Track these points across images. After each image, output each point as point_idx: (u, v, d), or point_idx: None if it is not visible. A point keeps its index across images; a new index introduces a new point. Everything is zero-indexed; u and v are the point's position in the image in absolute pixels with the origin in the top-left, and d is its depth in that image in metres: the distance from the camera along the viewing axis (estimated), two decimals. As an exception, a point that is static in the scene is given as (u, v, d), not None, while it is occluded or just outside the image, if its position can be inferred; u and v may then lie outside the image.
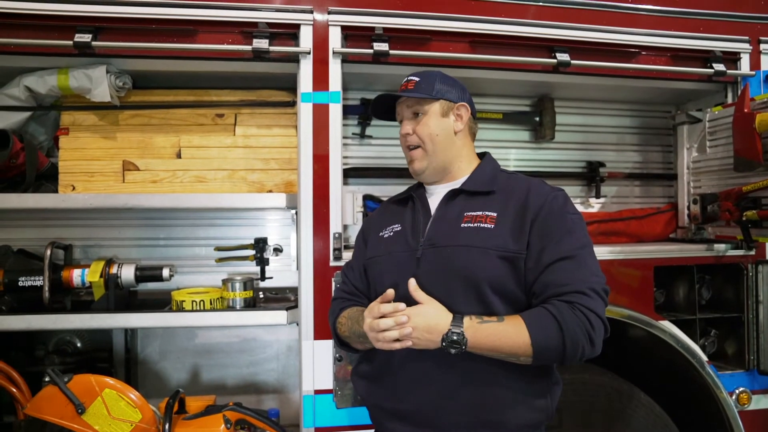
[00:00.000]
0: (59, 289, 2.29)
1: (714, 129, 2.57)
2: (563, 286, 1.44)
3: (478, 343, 1.41)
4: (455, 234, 1.57)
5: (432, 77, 1.71)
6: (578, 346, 1.40)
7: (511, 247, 1.51)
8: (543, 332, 1.40)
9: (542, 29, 2.33)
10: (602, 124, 3.01)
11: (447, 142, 1.69)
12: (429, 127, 1.67)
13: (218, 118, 2.43)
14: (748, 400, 2.41)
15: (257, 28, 2.14)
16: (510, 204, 1.58)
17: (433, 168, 1.70)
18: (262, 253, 2.50)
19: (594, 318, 1.41)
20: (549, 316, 1.41)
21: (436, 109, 1.68)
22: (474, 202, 1.62)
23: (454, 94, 1.71)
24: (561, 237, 1.50)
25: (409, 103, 1.71)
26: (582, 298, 1.42)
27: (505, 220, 1.55)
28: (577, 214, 1.58)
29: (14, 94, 2.29)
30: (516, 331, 1.41)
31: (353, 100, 2.69)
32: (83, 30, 2.06)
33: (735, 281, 2.50)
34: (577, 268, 1.47)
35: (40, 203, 2.23)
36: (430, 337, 1.42)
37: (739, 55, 2.51)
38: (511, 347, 1.41)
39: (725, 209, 2.41)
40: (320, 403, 2.11)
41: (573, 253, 1.48)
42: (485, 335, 1.41)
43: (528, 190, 1.59)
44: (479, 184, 1.66)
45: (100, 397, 1.98)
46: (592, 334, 1.41)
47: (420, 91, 1.68)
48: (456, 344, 1.40)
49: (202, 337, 2.77)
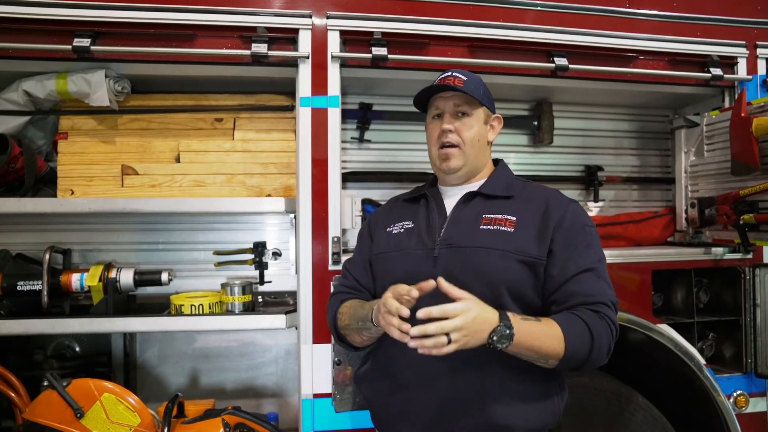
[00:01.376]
0: (58, 294, 2.28)
1: (711, 133, 2.59)
2: (588, 296, 1.47)
3: (521, 340, 1.36)
4: (474, 235, 1.56)
5: (478, 81, 1.68)
6: (601, 354, 1.44)
7: (533, 252, 1.51)
8: (577, 338, 1.41)
9: (540, 34, 2.34)
10: (600, 128, 3.02)
11: (482, 149, 1.69)
12: (473, 130, 1.65)
13: (217, 122, 2.44)
14: (745, 403, 2.42)
15: (256, 33, 2.14)
16: (530, 210, 1.59)
17: (467, 170, 1.68)
18: (260, 257, 2.50)
19: (614, 329, 1.46)
20: (582, 324, 1.42)
21: (481, 115, 1.67)
22: (492, 205, 1.62)
23: (491, 103, 1.72)
24: (584, 249, 1.52)
25: (456, 100, 1.65)
26: (605, 309, 1.46)
27: (526, 226, 1.55)
28: (593, 227, 1.61)
29: (13, 99, 2.29)
30: (553, 333, 1.40)
31: (352, 105, 2.69)
32: (82, 34, 2.06)
33: (732, 285, 2.50)
34: (598, 280, 1.50)
35: (38, 207, 2.23)
36: (479, 333, 1.32)
37: (736, 59, 2.52)
38: (547, 348, 1.40)
39: (723, 213, 2.42)
40: (319, 407, 2.11)
41: (594, 265, 1.51)
42: (528, 333, 1.37)
43: (548, 199, 1.61)
44: (497, 188, 1.66)
45: (98, 402, 1.98)
46: (611, 345, 1.46)
47: (471, 92, 1.62)
48: (504, 339, 1.33)
49: (200, 341, 2.77)
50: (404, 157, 2.77)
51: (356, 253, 1.84)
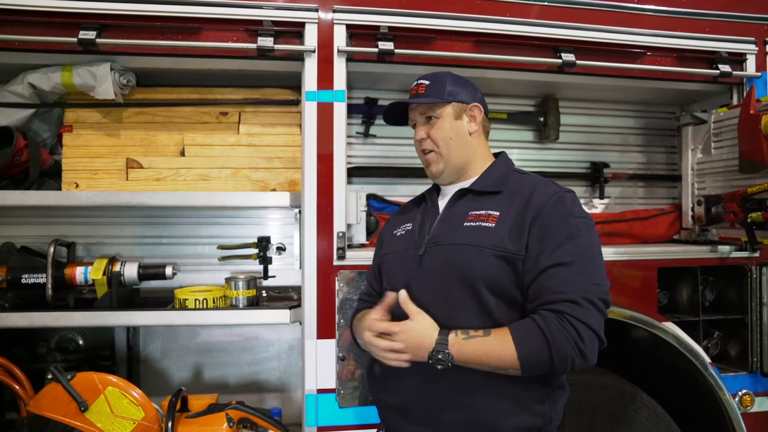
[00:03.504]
0: (62, 287, 2.28)
1: (719, 130, 2.57)
2: (556, 293, 1.41)
3: (464, 359, 1.42)
4: (457, 232, 1.57)
5: (442, 79, 1.69)
6: (566, 358, 1.38)
7: (509, 246, 1.48)
8: (529, 346, 1.38)
9: (547, 29, 2.32)
10: (606, 125, 3.00)
11: (461, 144, 1.68)
12: (443, 131, 1.66)
13: (222, 116, 2.43)
14: (751, 403, 2.41)
15: (262, 26, 2.13)
16: (513, 203, 1.56)
17: (450, 170, 1.69)
18: (265, 251, 2.49)
19: (584, 329, 1.38)
20: (536, 329, 1.39)
21: (449, 112, 1.67)
22: (480, 202, 1.61)
23: (466, 94, 1.69)
24: (561, 241, 1.45)
25: (420, 109, 1.70)
26: (572, 307, 1.39)
27: (506, 220, 1.53)
28: (583, 218, 1.52)
29: (18, 91, 2.28)
30: (502, 345, 1.40)
31: (357, 99, 2.68)
32: (88, 27, 2.05)
33: (739, 283, 2.49)
34: (575, 275, 1.43)
35: (43, 200, 2.22)
36: (418, 353, 1.45)
37: (745, 56, 2.50)
38: (498, 361, 1.40)
39: (730, 211, 2.41)
40: (323, 403, 2.11)
41: (571, 259, 1.44)
42: (470, 351, 1.41)
43: (533, 190, 1.55)
44: (487, 183, 1.65)
45: (102, 395, 1.97)
46: (581, 346, 1.37)
47: (431, 95, 1.66)
48: (441, 362, 1.41)
49: (204, 336, 2.77)
50: (409, 152, 2.73)
51: (373, 259, 1.91)
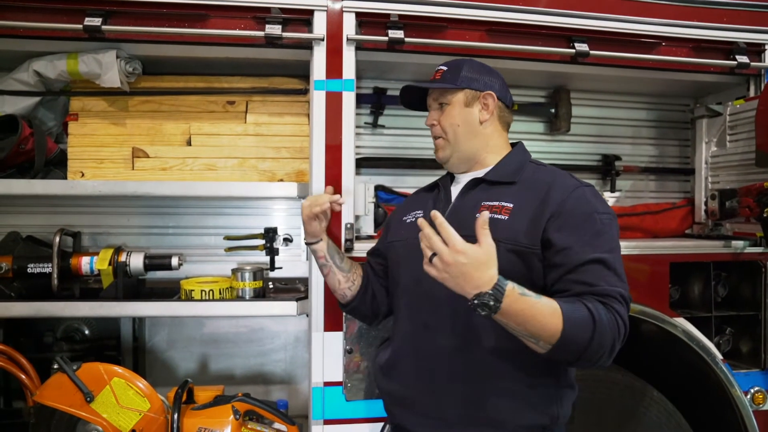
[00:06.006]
0: (68, 277, 2.27)
1: (735, 123, 2.52)
2: (596, 286, 1.36)
3: (510, 314, 1.27)
4: (468, 224, 1.48)
5: (459, 66, 1.67)
6: (602, 349, 1.31)
7: (522, 240, 1.44)
8: (577, 323, 1.29)
9: (560, 18, 2.27)
10: (618, 117, 2.95)
11: (470, 132, 1.65)
12: (451, 118, 1.65)
13: (229, 105, 2.40)
14: (763, 400, 2.37)
15: (270, 14, 2.09)
16: (529, 196, 1.51)
17: (457, 158, 1.68)
18: (272, 242, 2.47)
19: (623, 326, 1.34)
20: (585, 310, 1.30)
21: (460, 99, 1.65)
22: (493, 193, 1.57)
23: (480, 82, 1.65)
24: (590, 238, 1.41)
25: (434, 94, 1.70)
26: (615, 303, 1.34)
27: (521, 213, 1.48)
28: (607, 213, 1.48)
29: (23, 79, 2.26)
30: (551, 312, 1.29)
31: (366, 89, 2.64)
32: (93, 13, 2.02)
33: (752, 279, 2.44)
34: (608, 272, 1.39)
35: (48, 190, 2.20)
36: (461, 285, 1.26)
37: (764, 46, 2.43)
38: (538, 328, 1.29)
39: (745, 205, 2.36)
40: (329, 396, 2.09)
41: (603, 256, 1.39)
42: (521, 308, 1.28)
43: (551, 184, 1.51)
44: (501, 174, 1.61)
45: (108, 386, 1.97)
46: (616, 342, 1.34)
47: (445, 81, 1.65)
48: (486, 307, 1.25)
49: (209, 327, 2.76)
50: (418, 143, 2.72)
51: (377, 242, 1.95)
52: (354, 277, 1.86)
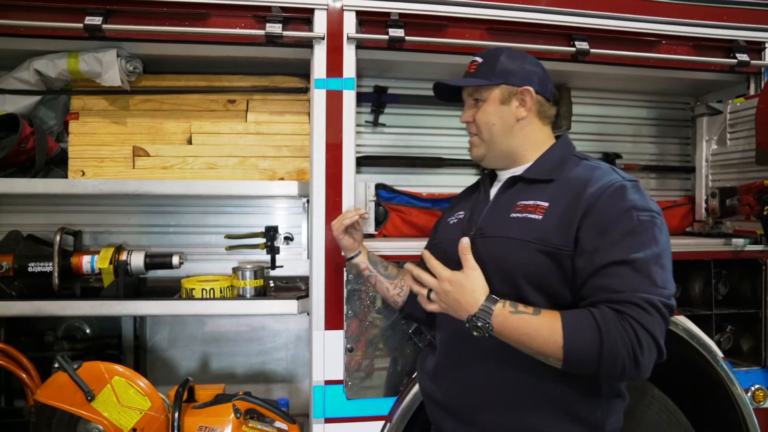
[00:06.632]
0: (69, 276, 2.27)
1: (735, 121, 2.52)
2: (616, 293, 1.25)
3: (505, 334, 1.30)
4: (503, 224, 1.48)
5: (494, 58, 1.57)
6: (617, 362, 1.22)
7: (555, 241, 1.36)
8: (578, 336, 1.24)
9: (561, 17, 2.26)
10: (619, 115, 2.95)
11: (506, 130, 1.56)
12: (487, 116, 1.56)
13: (230, 104, 2.40)
14: (764, 398, 2.37)
15: (271, 13, 2.09)
16: (566, 193, 1.41)
17: (493, 156, 1.61)
18: (272, 241, 2.47)
19: (645, 336, 1.22)
20: (590, 321, 1.24)
21: (496, 96, 1.56)
22: (529, 191, 1.50)
23: (518, 76, 1.55)
24: (621, 237, 1.30)
25: (469, 89, 1.61)
26: (635, 310, 1.22)
27: (555, 212, 1.40)
28: (649, 211, 1.34)
29: (24, 78, 2.25)
30: (550, 328, 1.26)
31: (367, 88, 2.64)
32: (94, 12, 2.02)
33: (753, 277, 2.44)
34: (636, 275, 1.26)
35: (49, 188, 2.21)
36: (456, 310, 1.37)
37: (764, 44, 2.44)
38: (540, 345, 1.27)
39: (745, 203, 2.36)
40: (330, 394, 2.09)
41: (633, 257, 1.27)
42: (514, 327, 1.29)
43: (588, 179, 1.40)
44: (539, 171, 1.53)
45: (109, 385, 1.97)
46: (637, 353, 1.22)
47: (480, 75, 1.56)
48: (479, 329, 1.31)
49: (210, 326, 2.76)
50: (419, 142, 2.73)
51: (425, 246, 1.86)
52: (402, 284, 1.85)
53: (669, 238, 1.36)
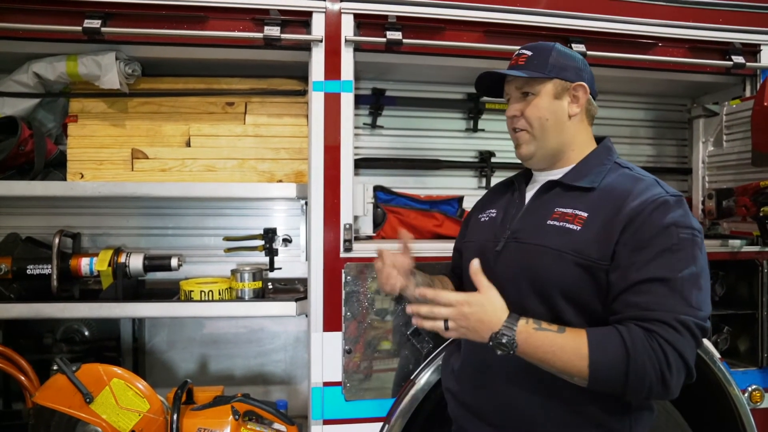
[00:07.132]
0: (67, 278, 2.28)
1: (731, 123, 2.53)
2: (648, 311, 1.22)
3: (529, 351, 1.27)
4: (539, 231, 1.42)
5: (546, 51, 1.50)
6: (644, 382, 1.20)
7: (592, 255, 1.32)
8: (604, 355, 1.22)
9: (558, 19, 2.28)
10: (616, 117, 2.97)
11: (558, 127, 1.48)
12: (539, 110, 1.47)
13: (228, 106, 2.41)
14: (761, 398, 2.38)
15: (269, 15, 2.10)
16: (605, 205, 1.36)
17: (542, 155, 1.51)
18: (271, 243, 2.48)
19: (674, 356, 1.19)
20: (618, 340, 1.21)
21: (549, 90, 1.47)
22: (568, 198, 1.44)
23: (571, 72, 1.48)
24: (659, 254, 1.25)
25: (517, 82, 1.52)
26: (665, 329, 1.20)
27: (594, 223, 1.34)
28: (690, 229, 1.29)
29: (23, 81, 2.26)
30: (574, 346, 1.24)
31: (364, 90, 2.65)
32: (92, 16, 2.03)
33: (749, 278, 2.45)
34: (671, 294, 1.22)
35: (48, 191, 2.21)
36: (478, 331, 1.29)
37: (759, 47, 2.45)
38: (564, 364, 1.24)
39: (742, 204, 2.37)
40: (329, 396, 2.10)
41: (669, 275, 1.23)
42: (538, 344, 1.26)
43: (630, 192, 1.34)
44: (579, 177, 1.46)
45: (108, 387, 1.97)
46: (665, 374, 1.19)
47: (531, 68, 1.48)
48: (503, 347, 1.26)
49: (209, 327, 2.76)
50: (417, 144, 2.74)
51: (456, 240, 1.86)
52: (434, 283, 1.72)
53: (707, 257, 1.31)
